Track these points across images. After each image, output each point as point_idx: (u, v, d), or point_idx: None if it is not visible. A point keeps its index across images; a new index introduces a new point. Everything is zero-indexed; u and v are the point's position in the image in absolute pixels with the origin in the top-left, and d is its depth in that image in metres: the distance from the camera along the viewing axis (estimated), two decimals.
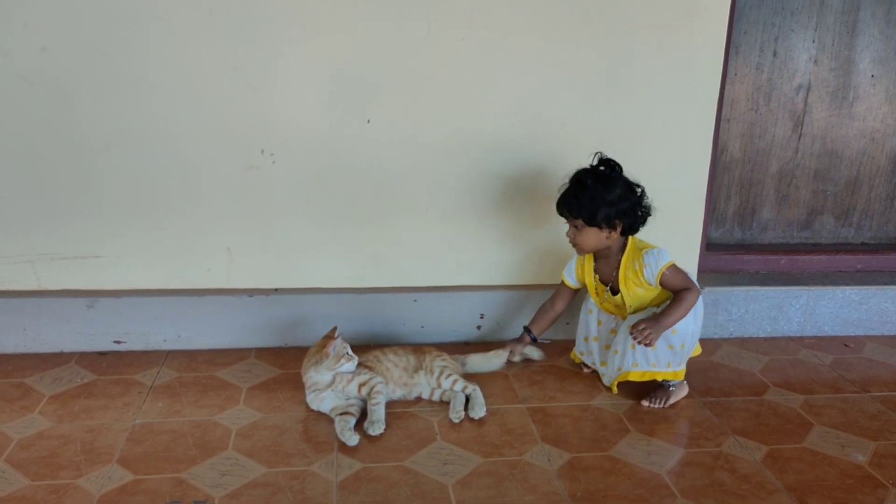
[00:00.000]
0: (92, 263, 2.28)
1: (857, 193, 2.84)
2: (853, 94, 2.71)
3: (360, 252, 2.38)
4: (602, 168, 2.09)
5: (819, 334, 2.67)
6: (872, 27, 2.63)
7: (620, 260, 2.14)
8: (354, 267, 2.40)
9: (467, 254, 2.43)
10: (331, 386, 2.05)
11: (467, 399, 2.11)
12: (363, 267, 2.40)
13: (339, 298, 2.43)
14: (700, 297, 2.12)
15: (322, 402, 2.05)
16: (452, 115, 2.28)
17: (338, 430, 1.95)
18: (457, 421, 2.03)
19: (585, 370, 2.36)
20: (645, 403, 2.15)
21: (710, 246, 2.73)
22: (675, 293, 2.09)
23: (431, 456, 1.88)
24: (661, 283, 2.09)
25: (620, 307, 2.19)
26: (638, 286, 2.12)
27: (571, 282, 2.29)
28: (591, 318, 2.30)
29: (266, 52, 2.15)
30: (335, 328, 2.12)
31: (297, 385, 2.20)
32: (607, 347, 2.24)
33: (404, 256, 2.41)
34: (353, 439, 1.92)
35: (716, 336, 2.61)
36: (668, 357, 2.12)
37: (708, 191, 2.50)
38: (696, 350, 2.24)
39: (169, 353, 2.39)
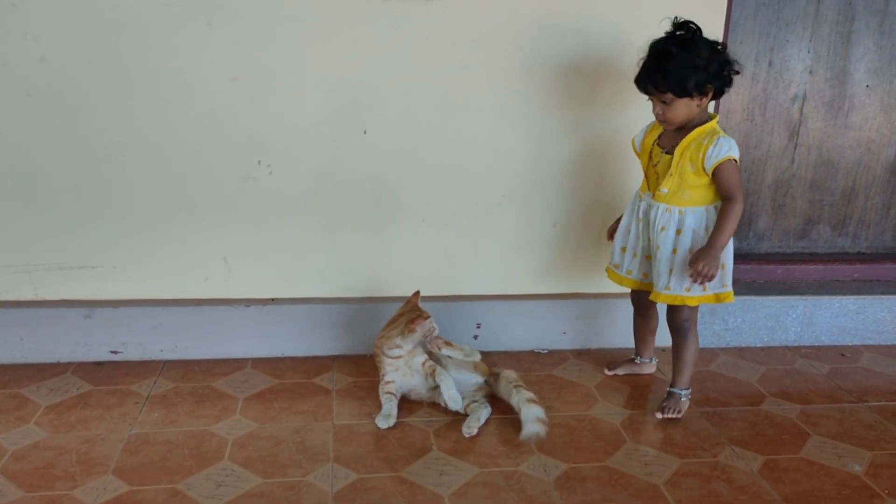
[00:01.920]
0: (89, 273, 2.29)
1: (853, 203, 2.85)
2: (848, 105, 2.71)
3: (356, 262, 2.39)
4: (681, 32, 1.94)
5: (816, 344, 2.67)
6: (867, 38, 2.64)
7: (694, 129, 1.98)
8: (351, 277, 2.40)
9: (464, 263, 2.44)
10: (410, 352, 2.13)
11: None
12: (360, 277, 2.41)
13: (335, 308, 2.43)
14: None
15: (405, 378, 2.14)
16: (448, 125, 2.29)
17: (384, 409, 2.07)
18: (467, 436, 2.01)
19: (608, 372, 2.39)
20: (658, 415, 2.13)
21: None
22: (722, 200, 1.99)
23: (427, 466, 1.87)
24: (714, 173, 1.95)
25: (661, 177, 2.04)
26: (690, 163, 1.98)
27: (638, 148, 2.17)
28: (633, 228, 2.19)
29: (264, 63, 2.16)
30: (417, 292, 2.20)
31: (294, 396, 2.20)
32: (648, 258, 2.16)
33: (401, 266, 2.41)
34: (388, 421, 2.03)
35: (713, 346, 2.61)
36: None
37: None
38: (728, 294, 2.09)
39: (166, 363, 2.39)
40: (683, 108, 1.95)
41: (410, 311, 2.17)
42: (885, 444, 2.03)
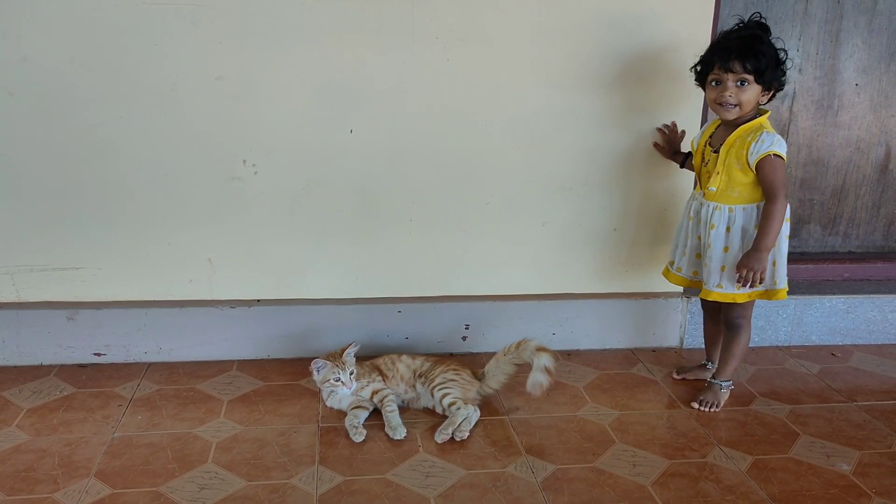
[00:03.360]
0: (72, 275, 2.27)
1: (843, 202, 2.84)
2: (838, 103, 2.71)
3: (343, 262, 2.37)
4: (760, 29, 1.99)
5: (806, 343, 2.66)
6: (855, 36, 2.63)
7: (742, 125, 2.01)
8: (338, 278, 2.39)
9: (452, 264, 2.42)
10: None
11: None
12: (347, 278, 2.39)
13: (322, 310, 2.41)
14: (788, 207, 2.02)
15: (340, 402, 2.10)
16: (435, 124, 2.27)
17: (347, 424, 2.00)
18: (439, 441, 1.97)
19: (676, 377, 2.36)
20: (694, 406, 2.17)
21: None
22: (765, 199, 2.00)
23: (413, 468, 1.85)
24: (756, 167, 1.97)
25: (710, 175, 2.07)
26: (736, 160, 2.01)
27: (694, 147, 2.19)
28: (685, 226, 2.22)
29: (249, 62, 2.15)
30: (350, 345, 2.15)
31: (279, 398, 2.18)
32: (697, 256, 2.20)
33: (388, 267, 2.40)
34: (359, 436, 1.95)
35: (703, 346, 2.59)
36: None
37: None
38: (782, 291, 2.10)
39: (150, 365, 2.36)
40: (754, 94, 1.99)
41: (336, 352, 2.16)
42: (874, 444, 2.02)
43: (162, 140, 2.18)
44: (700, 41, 2.23)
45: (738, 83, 1.97)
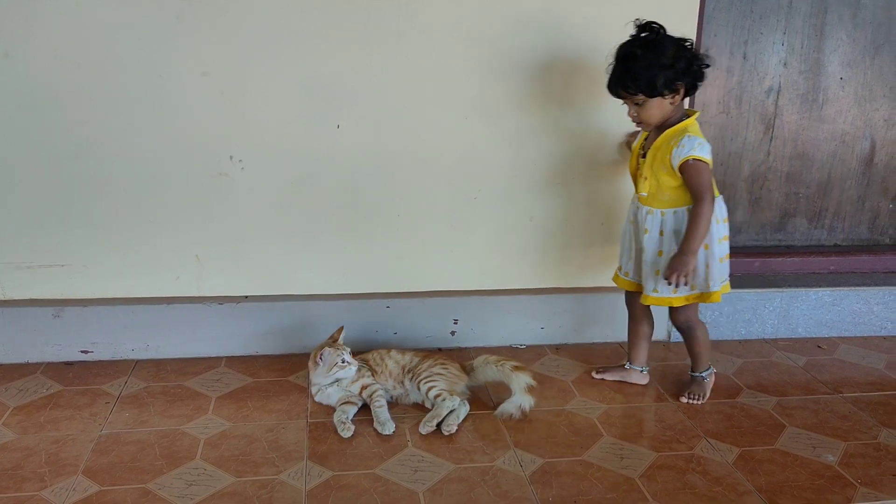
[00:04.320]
0: (58, 272, 2.25)
1: (828, 195, 2.86)
2: (823, 97, 2.73)
3: (331, 259, 2.37)
4: (645, 34, 1.95)
5: (793, 336, 2.68)
6: (840, 30, 2.65)
7: (668, 129, 2.00)
8: (326, 274, 2.38)
9: (440, 259, 2.42)
10: (335, 383, 2.10)
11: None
12: (335, 273, 2.39)
13: (310, 306, 2.40)
14: (716, 205, 2.01)
15: (329, 397, 2.10)
16: (423, 120, 2.27)
17: (335, 419, 2.00)
18: (423, 433, 1.98)
19: (595, 376, 2.35)
20: (683, 400, 2.19)
21: None
22: (693, 202, 1.99)
23: (402, 463, 1.86)
24: (680, 171, 1.97)
25: (644, 178, 2.07)
26: (662, 165, 2.00)
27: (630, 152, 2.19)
28: (628, 230, 2.22)
29: (235, 57, 2.13)
30: (341, 329, 2.15)
31: (268, 394, 2.18)
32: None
33: (376, 262, 2.39)
34: (347, 431, 1.96)
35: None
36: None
37: None
38: (724, 288, 2.10)
39: (137, 362, 2.35)
40: (656, 107, 1.97)
41: (324, 342, 2.16)
42: (859, 435, 2.04)
43: (148, 136, 2.17)
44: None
45: (635, 103, 1.99)
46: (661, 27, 1.96)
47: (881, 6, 2.64)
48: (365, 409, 2.08)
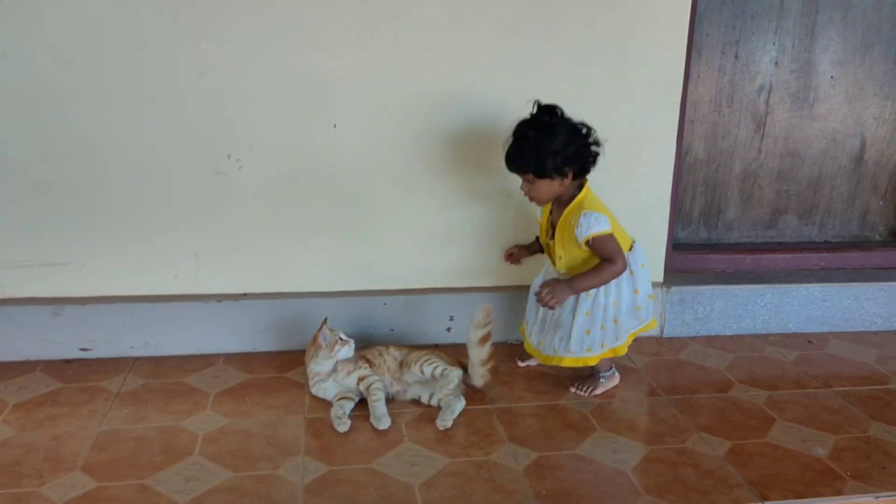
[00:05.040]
0: (57, 270, 2.27)
1: (819, 193, 2.89)
2: (813, 96, 2.76)
3: (328, 256, 2.39)
4: (542, 117, 1.99)
5: (784, 331, 2.71)
6: (831, 30, 2.68)
7: (567, 205, 2.07)
8: (323, 271, 2.41)
9: (436, 256, 2.45)
10: (332, 375, 2.11)
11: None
12: (332, 271, 2.41)
13: (307, 303, 2.42)
14: (631, 256, 2.08)
15: (325, 391, 2.12)
16: (418, 117, 2.29)
17: (332, 414, 2.02)
18: (442, 428, 2.01)
19: (520, 363, 2.40)
20: (572, 390, 2.22)
21: (676, 246, 2.76)
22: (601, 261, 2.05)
23: (398, 458, 1.88)
24: (589, 247, 2.03)
25: (555, 257, 2.13)
26: (571, 241, 2.06)
27: (538, 221, 2.23)
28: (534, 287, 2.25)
29: (232, 57, 2.16)
30: (325, 319, 2.16)
31: (266, 390, 2.20)
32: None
33: (373, 260, 2.42)
34: (343, 426, 1.98)
35: (682, 335, 2.64)
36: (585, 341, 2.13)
37: (673, 192, 2.54)
38: (622, 347, 2.18)
39: (136, 359, 2.37)
40: (545, 187, 2.03)
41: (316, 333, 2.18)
42: (849, 428, 2.06)
43: (146, 135, 2.19)
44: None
45: (527, 181, 2.05)
46: (559, 110, 2.00)
47: (871, 6, 2.67)
48: (362, 404, 2.10)
